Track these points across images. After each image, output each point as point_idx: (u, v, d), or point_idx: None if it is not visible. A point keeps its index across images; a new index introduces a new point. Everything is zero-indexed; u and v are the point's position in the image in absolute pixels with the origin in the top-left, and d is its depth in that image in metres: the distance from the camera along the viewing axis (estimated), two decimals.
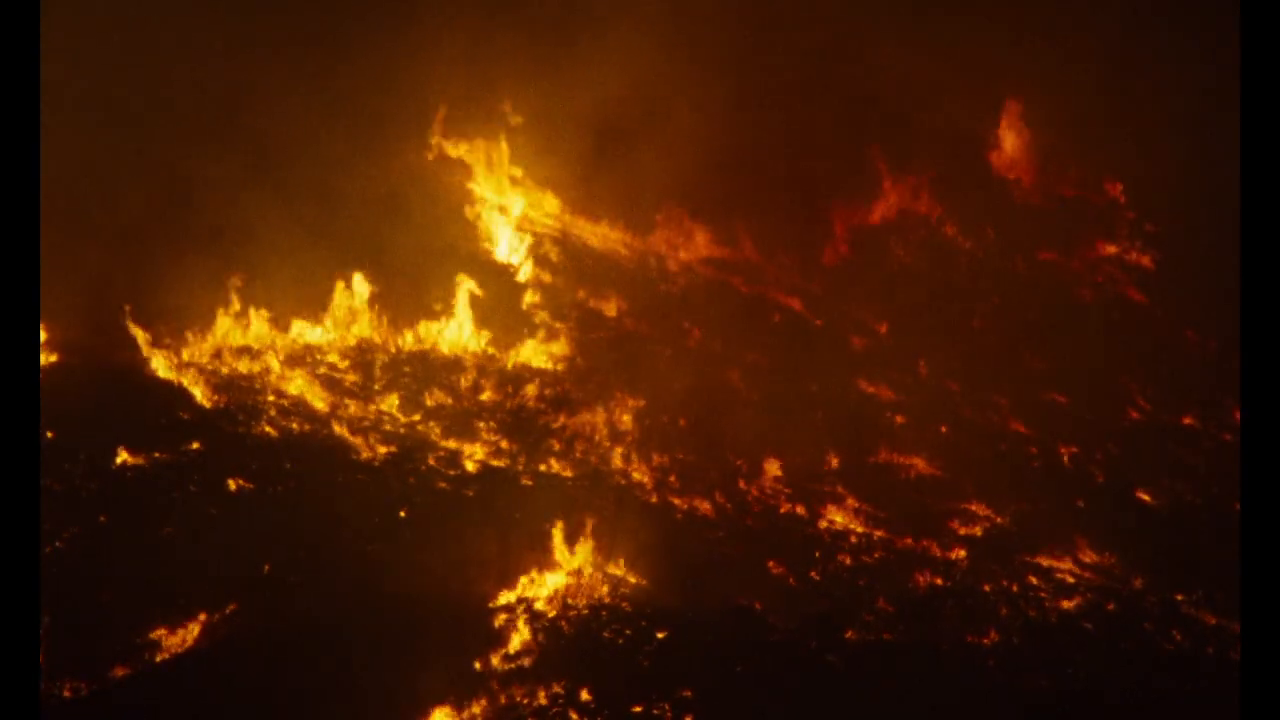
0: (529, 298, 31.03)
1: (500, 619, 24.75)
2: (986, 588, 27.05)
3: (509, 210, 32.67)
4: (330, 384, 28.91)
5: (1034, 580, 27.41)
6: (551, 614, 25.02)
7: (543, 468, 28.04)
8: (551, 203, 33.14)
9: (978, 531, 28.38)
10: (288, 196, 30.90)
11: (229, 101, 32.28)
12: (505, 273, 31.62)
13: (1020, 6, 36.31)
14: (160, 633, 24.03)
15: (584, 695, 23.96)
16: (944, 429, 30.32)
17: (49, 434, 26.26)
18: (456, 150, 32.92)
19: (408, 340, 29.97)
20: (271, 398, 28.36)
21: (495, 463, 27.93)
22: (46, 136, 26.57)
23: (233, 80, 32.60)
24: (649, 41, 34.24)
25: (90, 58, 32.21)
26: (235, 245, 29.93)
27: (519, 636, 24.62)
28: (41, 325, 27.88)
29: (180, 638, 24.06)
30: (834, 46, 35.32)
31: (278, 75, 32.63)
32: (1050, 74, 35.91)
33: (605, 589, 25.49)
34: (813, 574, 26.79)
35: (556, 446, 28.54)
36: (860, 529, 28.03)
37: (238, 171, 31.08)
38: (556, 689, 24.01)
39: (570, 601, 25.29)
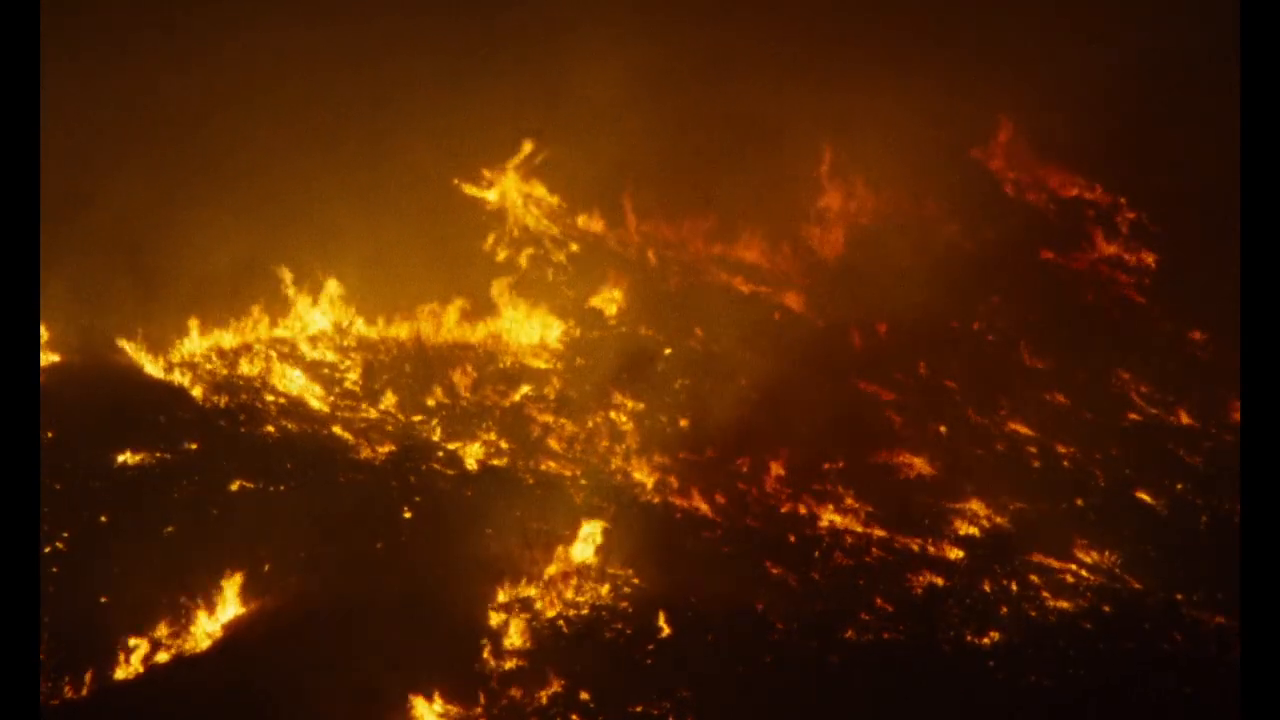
0: (529, 297, 31.03)
1: (500, 619, 24.75)
2: (986, 587, 27.05)
3: (510, 210, 32.65)
4: (330, 384, 28.91)
5: (1034, 580, 27.40)
6: (551, 614, 25.02)
7: (543, 468, 28.04)
8: (552, 202, 33.13)
9: (977, 532, 28.38)
10: (287, 196, 30.90)
11: (228, 102, 32.29)
12: (505, 272, 31.61)
13: (1021, 6, 36.30)
14: (160, 633, 24.03)
15: (584, 695, 23.96)
16: (944, 429, 30.32)
17: (49, 434, 26.25)
18: (457, 150, 32.91)
19: (408, 340, 29.97)
20: (271, 398, 28.36)
21: (495, 463, 27.93)
22: (46, 137, 26.60)
23: (232, 80, 32.61)
24: (649, 41, 34.23)
25: (91, 58, 32.22)
26: (235, 245, 29.93)
27: (519, 636, 24.61)
28: (41, 325, 27.88)
29: (180, 637, 24.06)
30: (834, 46, 35.30)
31: (276, 75, 32.64)
32: (1051, 73, 35.90)
33: (605, 589, 25.49)
34: (813, 574, 26.80)
35: (556, 446, 28.54)
36: (860, 529, 28.04)
37: (238, 171, 31.07)
38: (556, 689, 24.01)
39: (570, 601, 25.28)
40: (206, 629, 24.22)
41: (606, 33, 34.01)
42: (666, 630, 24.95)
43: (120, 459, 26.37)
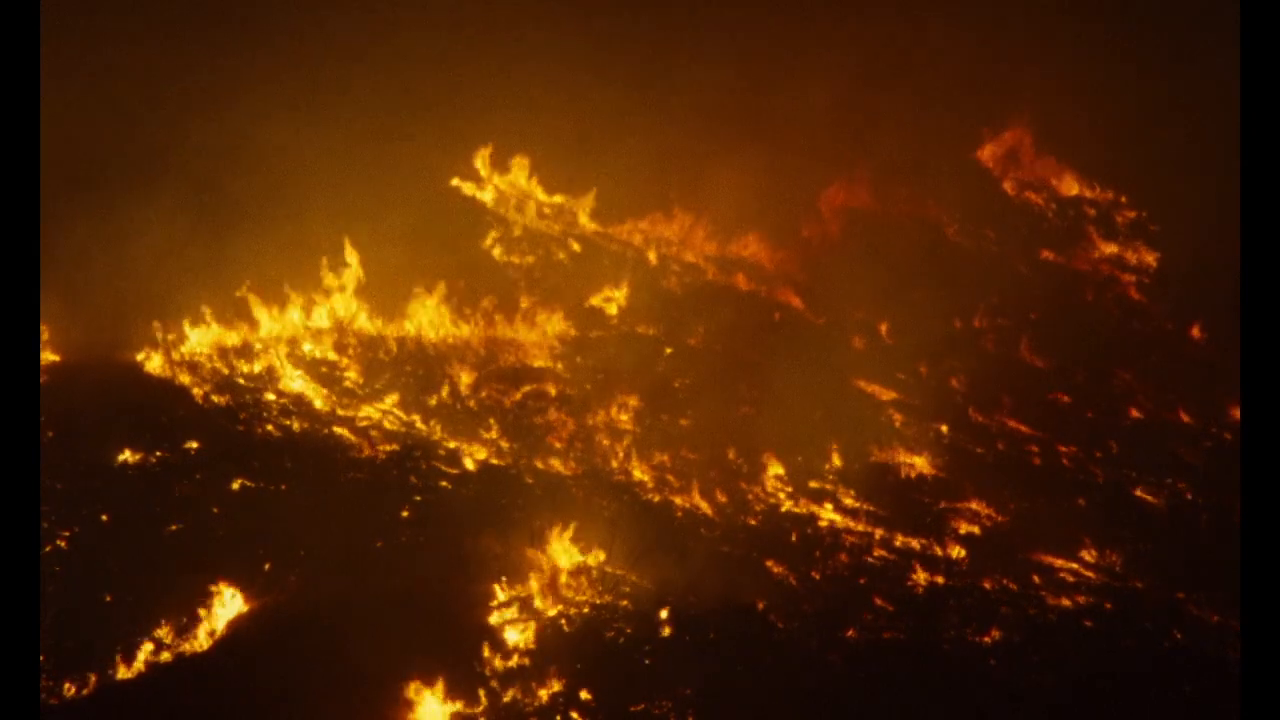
0: (530, 297, 31.03)
1: (500, 618, 24.75)
2: (987, 586, 27.05)
3: (510, 210, 32.66)
4: (330, 383, 28.91)
5: (1035, 579, 27.41)
6: (551, 614, 25.02)
7: (542, 467, 28.04)
8: (553, 202, 33.13)
9: (977, 531, 28.39)
10: (289, 196, 30.90)
11: (227, 103, 32.32)
12: (506, 272, 31.63)
13: (1021, 8, 36.33)
14: (160, 633, 24.03)
15: (584, 695, 23.96)
16: (944, 429, 30.33)
17: (49, 434, 26.25)
18: (458, 150, 32.93)
19: (408, 339, 29.97)
20: (271, 397, 28.36)
21: (495, 462, 27.93)
22: (46, 136, 26.60)
23: (232, 80, 32.64)
24: (649, 41, 34.24)
25: (92, 57, 32.23)
26: (236, 245, 29.94)
27: (519, 636, 24.61)
28: (41, 325, 27.88)
29: (180, 637, 24.06)
30: (839, 49, 35.33)
31: (275, 74, 32.67)
32: (1051, 74, 35.92)
33: (605, 589, 25.49)
34: (813, 574, 26.80)
35: (556, 446, 28.54)
36: (860, 529, 28.04)
37: (238, 172, 31.09)
38: (556, 689, 24.01)
39: (570, 601, 25.28)
40: (207, 628, 24.23)
41: (608, 33, 34.03)
42: (666, 630, 24.95)
43: (120, 459, 26.37)
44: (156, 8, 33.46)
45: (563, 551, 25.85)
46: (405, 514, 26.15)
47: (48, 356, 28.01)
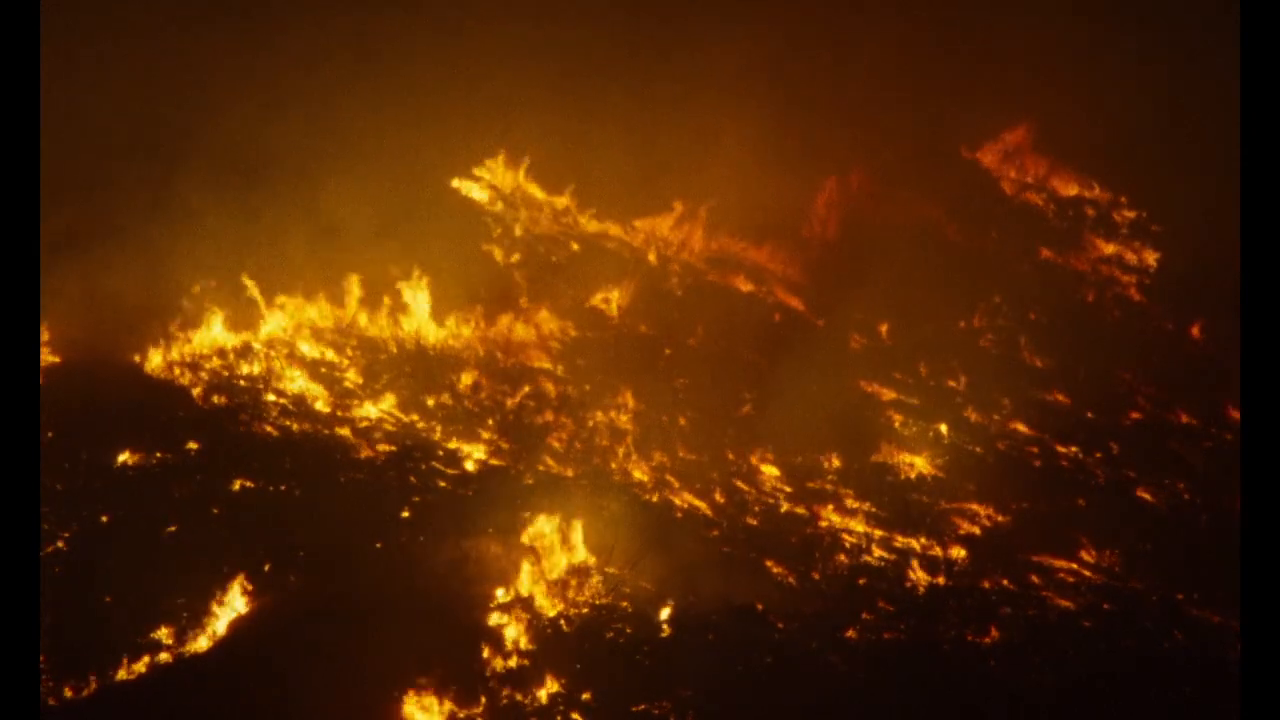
0: (529, 297, 31.03)
1: (500, 619, 24.75)
2: (987, 586, 27.05)
3: (510, 210, 32.66)
4: (330, 384, 28.91)
5: (1034, 579, 27.41)
6: (551, 614, 25.02)
7: (542, 468, 28.04)
8: (553, 202, 33.13)
9: (977, 531, 28.39)
10: (290, 196, 30.91)
11: (227, 102, 32.32)
12: (506, 272, 31.62)
13: (1022, 8, 36.32)
14: (160, 633, 24.03)
15: (584, 695, 23.96)
16: (944, 429, 30.33)
17: (49, 434, 26.25)
18: (457, 151, 32.91)
19: (408, 340, 29.97)
20: (271, 398, 28.36)
21: (495, 463, 27.93)
22: (45, 137, 26.61)
23: (231, 78, 32.65)
24: (651, 42, 34.23)
25: (91, 55, 32.23)
26: (237, 245, 29.94)
27: (519, 636, 24.61)
28: (41, 325, 27.89)
29: (180, 638, 24.06)
30: (838, 49, 35.33)
31: (277, 75, 32.68)
32: (1051, 74, 35.91)
33: (605, 589, 25.49)
34: (813, 574, 26.80)
35: (556, 446, 28.54)
36: (860, 529, 28.04)
37: (238, 171, 31.08)
38: (556, 689, 24.01)
39: (570, 601, 25.29)
40: (207, 629, 24.23)
41: (606, 33, 34.03)
42: (666, 630, 24.95)
43: (120, 459, 26.37)
44: (161, 4, 33.45)
45: (562, 552, 25.85)
46: (405, 514, 26.16)
47: (48, 357, 28.01)
